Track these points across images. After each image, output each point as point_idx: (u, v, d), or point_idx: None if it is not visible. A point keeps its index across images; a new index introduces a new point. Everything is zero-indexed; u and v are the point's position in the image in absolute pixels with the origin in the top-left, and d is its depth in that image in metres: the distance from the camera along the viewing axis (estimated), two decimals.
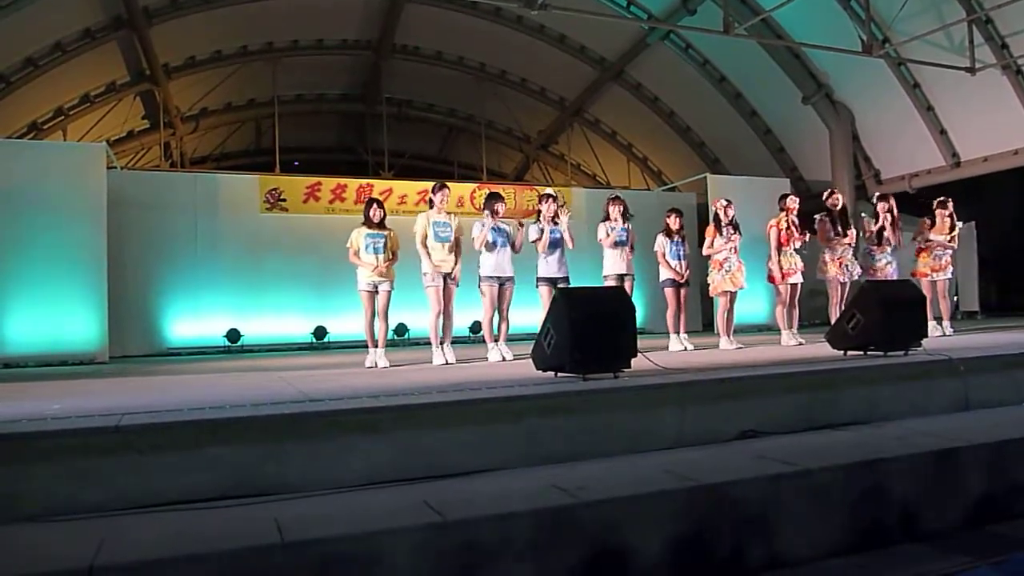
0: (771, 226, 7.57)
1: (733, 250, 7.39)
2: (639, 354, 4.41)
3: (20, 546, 2.36)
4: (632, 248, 7.19)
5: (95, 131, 14.54)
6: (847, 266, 7.54)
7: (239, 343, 11.02)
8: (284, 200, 11.60)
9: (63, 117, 14.07)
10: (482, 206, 6.90)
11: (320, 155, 19.02)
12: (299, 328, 11.45)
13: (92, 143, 12.37)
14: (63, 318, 8.91)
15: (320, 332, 11.48)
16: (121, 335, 9.80)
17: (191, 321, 10.80)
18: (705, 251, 7.57)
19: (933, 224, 8.22)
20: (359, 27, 14.75)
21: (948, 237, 8.12)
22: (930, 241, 8.15)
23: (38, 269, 8.80)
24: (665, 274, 7.45)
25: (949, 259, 8.19)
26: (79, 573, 2.07)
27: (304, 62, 15.41)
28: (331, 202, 11.87)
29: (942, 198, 8.35)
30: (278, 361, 8.25)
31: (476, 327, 11.52)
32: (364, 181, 12.51)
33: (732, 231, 7.39)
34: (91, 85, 13.98)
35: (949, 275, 8.25)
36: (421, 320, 10.50)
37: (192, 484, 2.83)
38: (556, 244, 6.72)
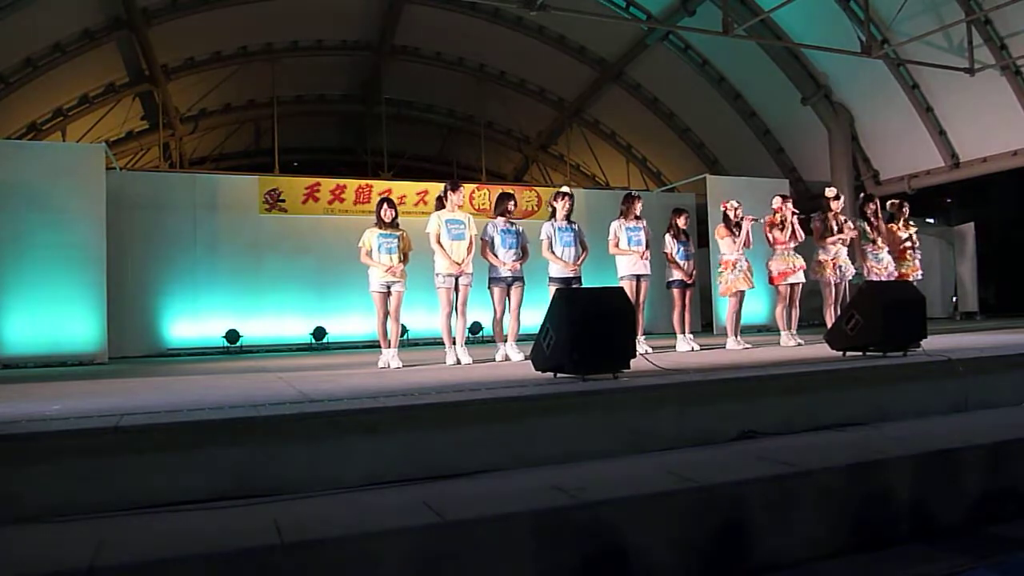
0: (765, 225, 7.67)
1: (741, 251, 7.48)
2: (639, 354, 4.40)
3: (20, 546, 2.36)
4: (649, 246, 7.18)
5: (94, 132, 14.55)
6: (841, 267, 7.53)
7: (238, 344, 11.01)
8: (283, 201, 11.59)
9: (62, 118, 14.07)
10: (493, 207, 6.88)
11: (319, 156, 19.04)
12: (298, 329, 11.45)
13: (91, 144, 12.38)
14: (63, 319, 8.89)
15: (319, 333, 11.48)
16: (120, 336, 9.78)
17: (190, 322, 10.79)
18: (722, 252, 7.60)
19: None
20: (359, 28, 14.76)
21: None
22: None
23: (38, 269, 8.78)
24: (674, 275, 7.47)
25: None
26: (79, 573, 2.07)
27: (304, 63, 15.42)
28: (330, 203, 11.86)
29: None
30: (277, 362, 8.24)
31: (476, 327, 11.52)
32: (363, 182, 12.48)
33: (739, 231, 7.46)
34: (90, 86, 13.98)
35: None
36: (421, 321, 10.63)
37: (192, 484, 2.82)
38: (569, 242, 6.60)
